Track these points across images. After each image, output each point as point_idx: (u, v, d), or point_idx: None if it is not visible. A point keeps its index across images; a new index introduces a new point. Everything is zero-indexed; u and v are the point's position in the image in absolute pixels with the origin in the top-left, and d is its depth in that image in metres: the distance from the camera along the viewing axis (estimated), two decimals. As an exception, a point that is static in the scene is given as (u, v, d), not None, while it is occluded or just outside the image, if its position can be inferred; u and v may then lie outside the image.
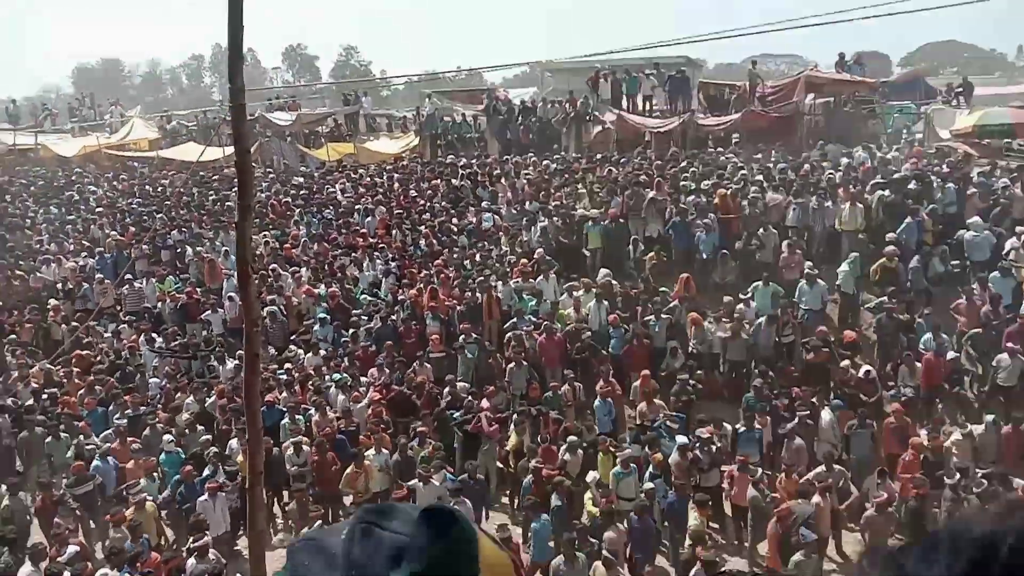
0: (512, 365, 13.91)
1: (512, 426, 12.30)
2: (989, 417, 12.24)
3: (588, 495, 10.68)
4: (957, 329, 13.85)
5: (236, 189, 5.64)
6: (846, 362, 13.29)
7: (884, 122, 23.26)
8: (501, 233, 18.18)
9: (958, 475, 11.16)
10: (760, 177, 18.04)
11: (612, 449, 11.67)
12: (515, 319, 14.88)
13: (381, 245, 17.84)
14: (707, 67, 45.59)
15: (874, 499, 11.13)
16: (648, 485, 10.70)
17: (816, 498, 10.75)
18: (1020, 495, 10.53)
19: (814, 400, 12.75)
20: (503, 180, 20.68)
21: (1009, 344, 12.79)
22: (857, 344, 13.85)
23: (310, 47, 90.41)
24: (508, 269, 16.39)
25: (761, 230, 15.85)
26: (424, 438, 12.06)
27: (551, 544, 10.29)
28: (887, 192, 16.14)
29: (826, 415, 12.27)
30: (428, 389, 13.42)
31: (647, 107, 25.00)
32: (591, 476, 11.01)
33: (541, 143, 24.37)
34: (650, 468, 11.26)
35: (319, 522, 10.25)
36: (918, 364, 13.08)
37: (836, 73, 23.83)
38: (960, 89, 23.88)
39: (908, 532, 10.23)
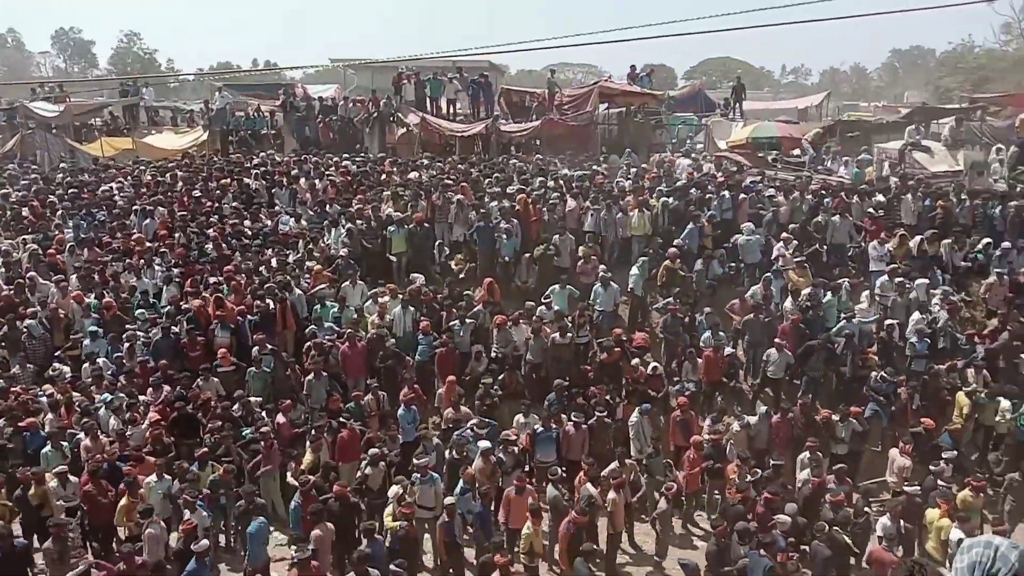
0: (311, 376, 13.29)
1: (308, 442, 11.67)
2: (762, 408, 13.37)
3: (388, 509, 10.35)
4: (732, 327, 15.00)
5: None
6: (636, 360, 13.96)
7: (670, 132, 24.90)
8: (299, 237, 17.32)
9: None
10: (552, 183, 18.57)
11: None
12: (314, 327, 14.22)
13: (162, 250, 16.33)
14: (509, 72, 46.61)
15: (664, 491, 11.77)
16: (450, 500, 10.54)
17: (611, 495, 11.17)
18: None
19: (608, 398, 13.31)
20: (302, 181, 19.75)
21: (777, 340, 14.03)
22: (646, 346, 14.58)
23: (85, 31, 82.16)
24: (306, 275, 15.64)
25: (558, 235, 16.29)
26: (205, 461, 11.14)
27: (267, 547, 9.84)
28: (671, 199, 17.17)
29: (634, 417, 12.76)
30: (215, 406, 12.44)
31: (451, 111, 25.04)
32: (393, 490, 10.69)
33: (342, 143, 23.65)
34: (460, 483, 11.12)
35: (83, 565, 9.09)
36: (699, 360, 14.01)
37: (627, 85, 25.18)
38: (733, 91, 26.06)
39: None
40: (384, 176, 20.01)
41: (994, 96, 27.93)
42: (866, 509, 11.18)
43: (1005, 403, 13.04)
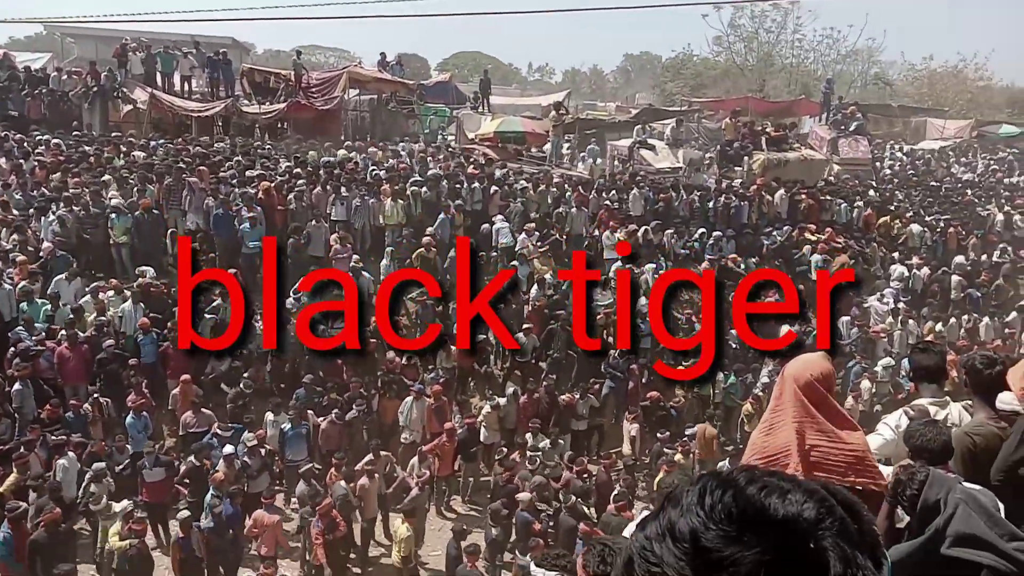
0: (17, 385, 11.62)
1: (13, 460, 10.19)
2: (510, 389, 13.94)
3: (114, 527, 9.35)
4: (483, 313, 15.44)
5: None
6: (391, 352, 13.89)
7: (422, 122, 25.04)
8: (2, 225, 15.04)
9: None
10: (299, 170, 17.87)
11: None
12: (19, 329, 12.44)
13: None
14: (256, 51, 44.17)
15: (416, 479, 11.84)
16: (184, 513, 9.75)
17: (363, 480, 11.08)
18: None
19: (362, 391, 13.15)
20: (2, 160, 17.17)
21: (526, 325, 14.67)
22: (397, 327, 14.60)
23: None
24: (10, 269, 13.60)
25: (314, 222, 15.73)
26: None
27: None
28: (424, 189, 17.27)
29: (408, 400, 13.02)
30: None
31: (185, 88, 23.11)
32: (121, 505, 9.67)
33: (55, 119, 20.89)
34: (210, 491, 10.36)
35: None
36: (453, 348, 14.24)
37: (378, 71, 24.91)
38: (480, 84, 26.72)
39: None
40: (105, 157, 17.99)
41: (708, 101, 31.46)
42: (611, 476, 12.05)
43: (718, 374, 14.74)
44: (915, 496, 2.76)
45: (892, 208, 22.04)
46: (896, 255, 19.71)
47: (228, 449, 11.05)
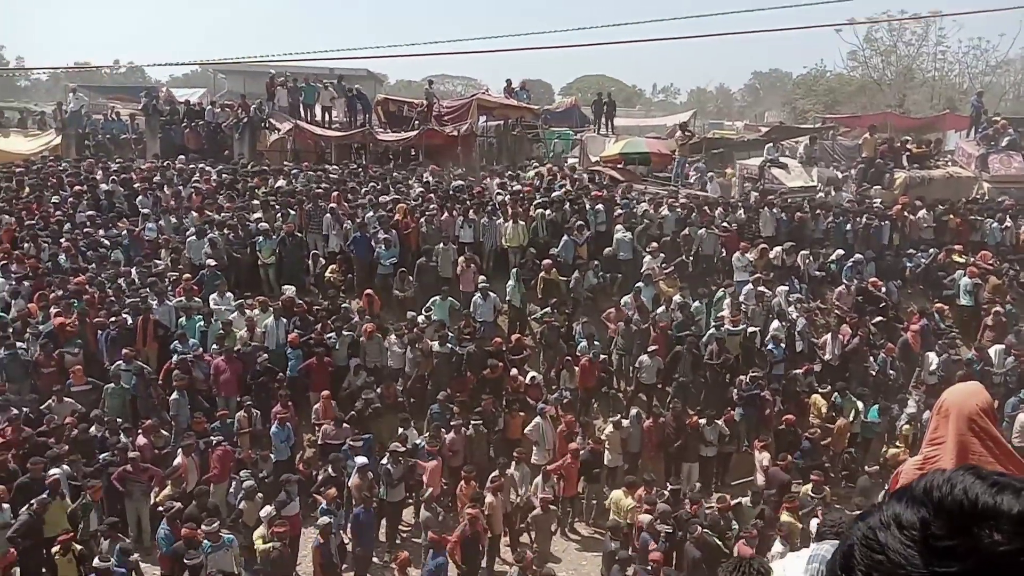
0: (175, 394, 12.58)
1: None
2: (634, 411, 13.77)
3: (259, 531, 9.90)
4: (609, 335, 15.37)
5: None
6: (515, 371, 14.07)
7: (547, 146, 25.34)
8: (163, 246, 16.40)
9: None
10: (432, 195, 18.45)
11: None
12: (177, 343, 13.48)
13: (4, 261, 14.95)
14: (388, 82, 46.18)
15: (540, 498, 11.87)
16: (324, 519, 10.19)
17: (489, 497, 11.23)
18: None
19: (493, 408, 13.34)
20: (166, 188, 18.73)
21: (651, 347, 14.49)
22: (523, 347, 14.73)
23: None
24: (169, 287, 14.80)
25: (441, 244, 16.21)
26: (56, 488, 10.28)
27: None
28: (549, 212, 17.44)
29: (537, 420, 13.06)
30: (69, 429, 11.55)
31: (326, 118, 24.47)
32: (265, 511, 10.24)
33: (210, 149, 22.62)
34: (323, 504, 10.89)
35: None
36: (576, 368, 14.27)
37: (504, 98, 25.45)
38: (598, 106, 26.60)
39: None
40: (253, 183, 19.27)
41: (843, 117, 30.17)
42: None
43: (859, 404, 14.00)
44: None
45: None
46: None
47: (361, 460, 11.50)
